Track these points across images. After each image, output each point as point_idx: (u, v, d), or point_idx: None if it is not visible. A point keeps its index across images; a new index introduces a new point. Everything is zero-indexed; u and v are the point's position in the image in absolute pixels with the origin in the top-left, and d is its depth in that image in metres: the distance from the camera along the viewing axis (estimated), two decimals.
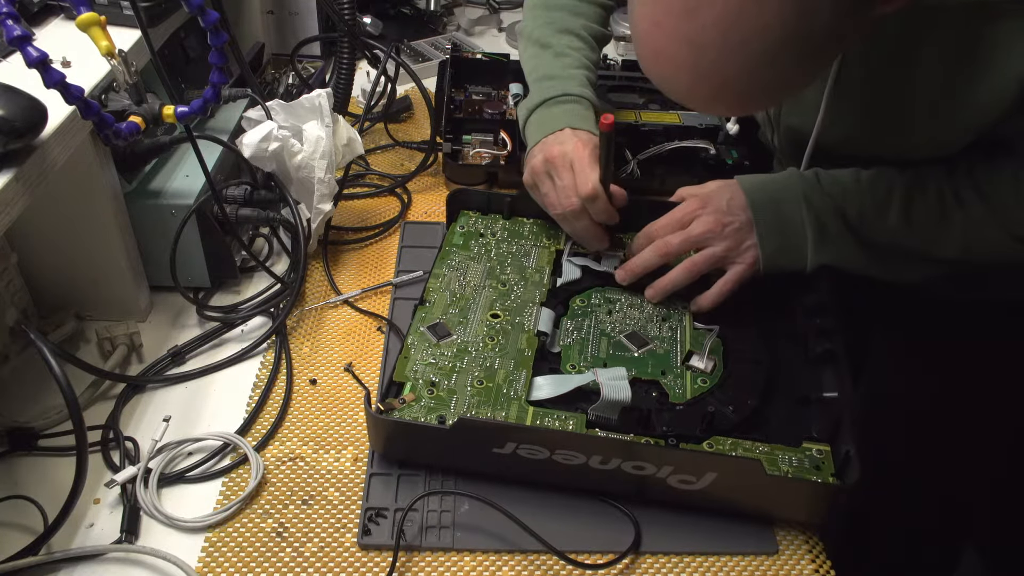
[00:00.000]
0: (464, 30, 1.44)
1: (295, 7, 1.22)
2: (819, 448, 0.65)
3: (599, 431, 0.65)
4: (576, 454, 0.61)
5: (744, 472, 0.61)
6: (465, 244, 0.84)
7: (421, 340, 0.72)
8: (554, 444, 0.61)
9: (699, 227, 0.74)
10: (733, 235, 0.74)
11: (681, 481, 0.62)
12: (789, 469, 0.63)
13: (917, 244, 0.71)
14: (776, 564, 0.63)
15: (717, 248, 0.74)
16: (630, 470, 0.61)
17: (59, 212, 0.72)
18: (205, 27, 0.61)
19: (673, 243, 0.75)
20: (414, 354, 0.70)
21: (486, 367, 0.70)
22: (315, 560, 0.61)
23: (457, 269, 0.80)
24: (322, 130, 0.82)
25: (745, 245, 0.74)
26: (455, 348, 0.71)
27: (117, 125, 0.65)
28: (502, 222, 0.87)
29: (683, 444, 0.63)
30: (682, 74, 0.53)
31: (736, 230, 0.74)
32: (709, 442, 0.64)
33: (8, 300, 0.73)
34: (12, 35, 0.54)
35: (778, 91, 0.60)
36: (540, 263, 0.82)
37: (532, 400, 0.67)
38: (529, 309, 0.76)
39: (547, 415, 0.66)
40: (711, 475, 0.61)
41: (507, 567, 0.61)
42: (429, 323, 0.73)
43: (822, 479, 0.62)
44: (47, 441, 0.68)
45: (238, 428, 0.70)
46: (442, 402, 0.67)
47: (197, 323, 0.81)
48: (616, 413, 0.65)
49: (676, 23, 0.50)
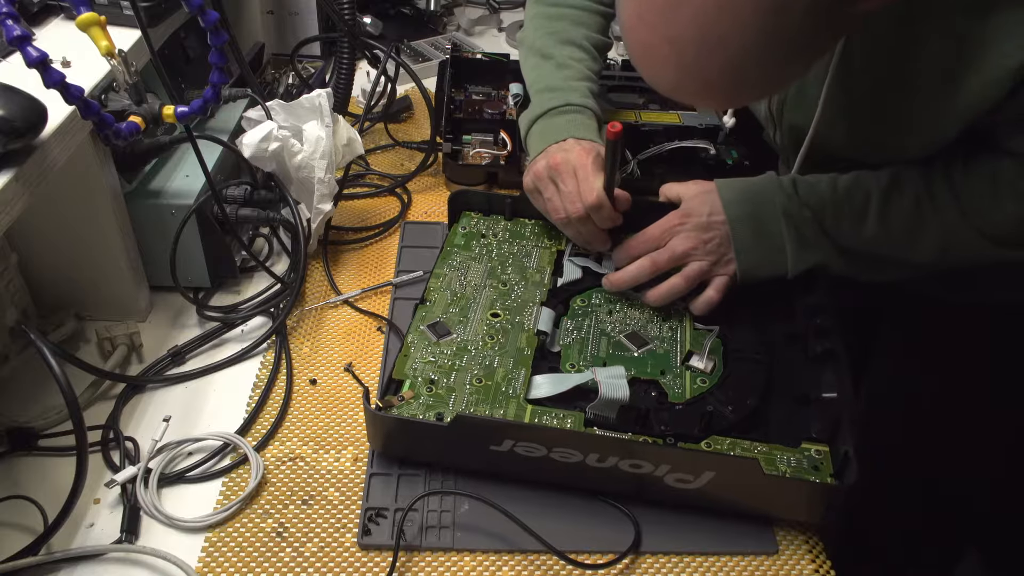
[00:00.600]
0: (464, 30, 1.44)
1: (295, 7, 1.22)
2: (818, 448, 0.65)
3: (597, 430, 0.65)
4: (573, 452, 0.61)
5: (742, 472, 0.61)
6: (467, 244, 0.84)
7: (421, 338, 0.72)
8: (551, 442, 0.61)
9: (681, 244, 0.75)
10: (715, 249, 0.75)
11: (678, 480, 0.62)
12: (787, 469, 0.63)
13: (895, 249, 0.72)
14: (776, 564, 0.63)
15: (703, 263, 0.75)
16: (627, 468, 0.61)
17: (59, 212, 0.72)
18: (205, 27, 0.61)
19: (660, 262, 0.76)
20: (414, 352, 0.71)
21: (485, 365, 0.70)
22: (315, 560, 0.61)
23: (458, 269, 0.80)
24: (322, 130, 0.82)
25: (727, 257, 0.75)
26: (455, 347, 0.71)
27: (117, 125, 0.65)
28: (504, 223, 0.87)
29: (681, 443, 0.63)
30: (667, 70, 0.53)
31: (717, 245, 0.75)
32: (707, 442, 0.64)
33: (8, 300, 0.73)
34: (12, 35, 0.54)
35: (764, 87, 0.60)
36: (541, 263, 0.82)
37: (531, 398, 0.67)
38: (529, 309, 0.76)
39: (545, 413, 0.66)
40: (709, 474, 0.61)
41: (507, 567, 0.61)
42: (429, 322, 0.73)
43: (820, 479, 0.62)
44: (47, 441, 0.68)
45: (238, 428, 0.70)
46: (441, 400, 0.67)
47: (197, 323, 0.81)
48: (614, 412, 0.65)
49: (657, 19, 0.50)
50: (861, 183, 0.72)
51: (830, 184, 0.73)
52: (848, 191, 0.72)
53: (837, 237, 0.73)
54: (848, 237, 0.73)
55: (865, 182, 0.72)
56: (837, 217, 0.72)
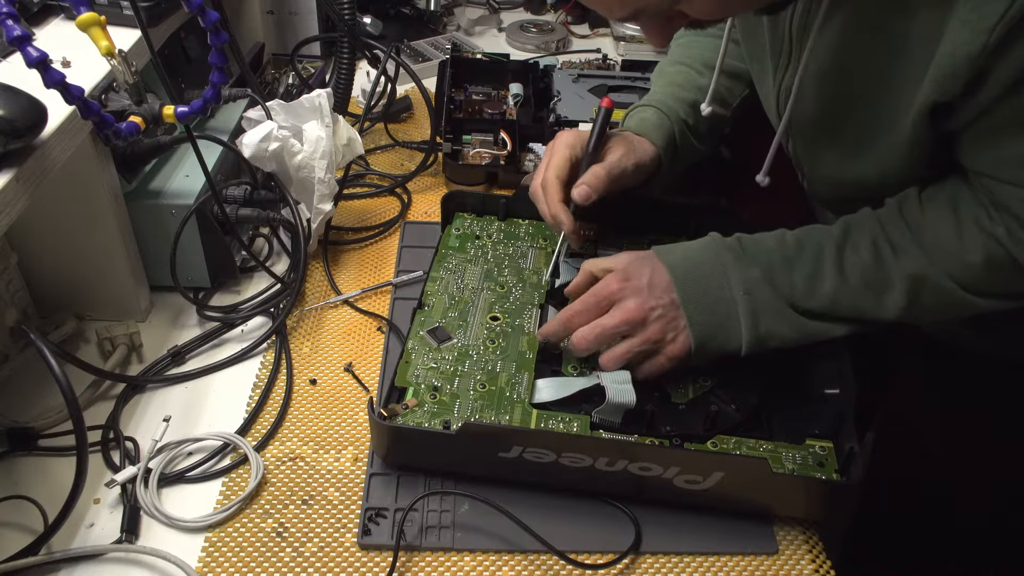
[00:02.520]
0: (464, 30, 1.44)
1: (295, 7, 1.22)
2: (822, 445, 0.65)
3: (603, 432, 0.65)
4: (583, 456, 0.61)
5: (751, 471, 0.61)
6: (461, 246, 0.84)
7: (422, 345, 0.72)
8: (561, 447, 0.61)
9: (618, 316, 0.67)
10: (657, 320, 0.67)
11: (688, 481, 0.62)
12: (794, 467, 0.63)
13: (859, 306, 0.66)
14: (776, 564, 0.63)
15: (644, 336, 0.67)
16: (636, 471, 0.61)
17: (59, 212, 0.72)
18: (205, 27, 0.61)
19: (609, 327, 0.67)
20: (415, 359, 0.70)
21: (488, 370, 0.70)
22: (315, 560, 0.61)
23: (454, 272, 0.80)
24: (322, 130, 0.82)
25: (672, 334, 0.67)
26: (456, 352, 0.71)
27: (117, 125, 0.65)
28: (497, 223, 0.87)
29: (687, 444, 0.64)
30: None
31: (660, 316, 0.67)
32: (713, 441, 0.64)
33: (8, 300, 0.73)
34: (12, 35, 0.54)
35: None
36: (537, 264, 0.82)
37: (535, 403, 0.67)
38: (528, 311, 0.76)
39: (551, 418, 0.66)
40: (718, 475, 0.61)
41: (507, 567, 0.61)
42: (429, 327, 0.73)
43: (827, 476, 0.62)
44: (47, 441, 0.68)
45: (238, 428, 0.70)
46: (445, 407, 0.66)
47: (197, 323, 0.81)
48: (620, 416, 0.65)
49: None
50: (812, 234, 0.68)
51: (778, 239, 0.68)
52: (799, 244, 0.67)
53: (792, 297, 0.66)
54: (804, 296, 0.66)
55: (816, 233, 0.67)
56: (789, 273, 0.66)
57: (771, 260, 0.67)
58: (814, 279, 0.66)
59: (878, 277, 0.65)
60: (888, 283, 0.64)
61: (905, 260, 0.64)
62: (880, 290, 0.65)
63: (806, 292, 0.66)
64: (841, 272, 0.65)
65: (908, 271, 0.63)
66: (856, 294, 0.65)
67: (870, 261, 0.65)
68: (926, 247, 0.63)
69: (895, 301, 0.64)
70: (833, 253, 0.66)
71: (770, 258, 0.67)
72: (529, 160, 1.02)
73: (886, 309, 0.65)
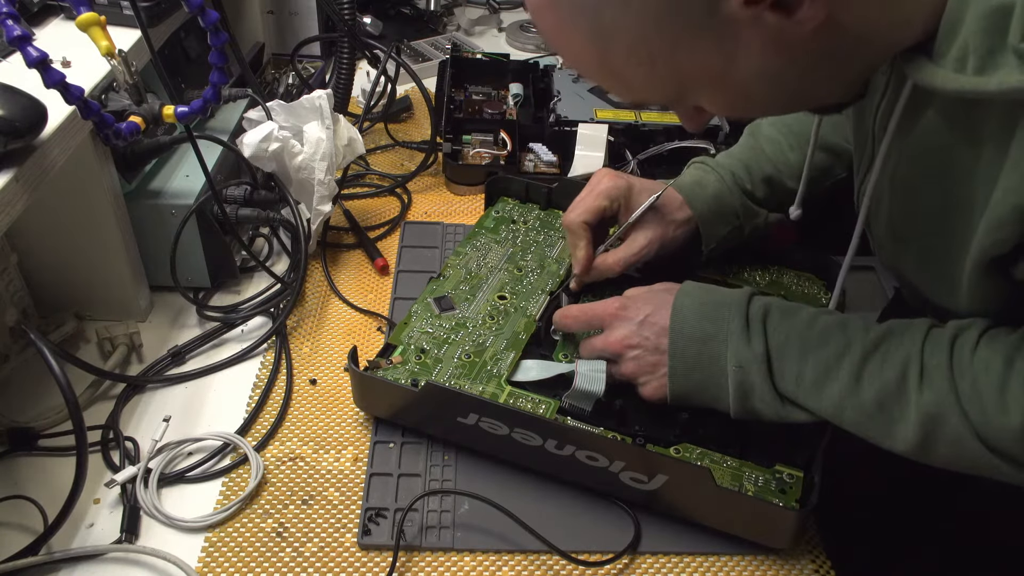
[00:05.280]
0: (464, 30, 1.44)
1: (295, 7, 1.22)
2: (791, 472, 0.63)
3: (570, 420, 0.65)
4: (532, 435, 0.62)
5: (693, 479, 0.59)
6: (495, 228, 0.86)
7: (425, 310, 0.74)
8: (512, 422, 0.62)
9: (599, 342, 0.67)
10: (633, 360, 0.65)
11: (633, 479, 0.62)
12: (751, 487, 0.61)
13: (862, 427, 0.57)
14: (776, 564, 0.63)
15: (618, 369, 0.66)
16: (584, 459, 0.62)
17: (59, 212, 0.72)
18: (205, 27, 0.61)
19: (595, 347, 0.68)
20: (414, 321, 0.73)
21: (478, 343, 0.71)
22: (315, 560, 0.61)
23: (480, 250, 0.83)
24: (323, 131, 0.82)
25: (645, 378, 0.65)
26: (454, 321, 0.73)
27: (117, 125, 0.65)
28: (537, 212, 0.89)
29: (649, 445, 0.63)
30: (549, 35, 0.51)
31: (635, 357, 0.65)
32: (677, 447, 0.64)
33: (8, 300, 0.73)
34: (12, 35, 0.54)
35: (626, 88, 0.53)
36: (562, 255, 0.83)
37: (513, 380, 0.68)
38: (537, 296, 0.77)
39: (522, 396, 0.67)
40: (662, 477, 0.60)
41: (507, 567, 0.61)
42: (438, 295, 0.75)
43: (783, 503, 0.60)
44: (47, 441, 0.68)
45: (238, 428, 0.70)
46: (426, 369, 0.68)
47: (197, 323, 0.81)
48: (590, 405, 0.66)
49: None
50: (847, 328, 0.59)
51: (808, 321, 0.60)
52: (825, 333, 0.59)
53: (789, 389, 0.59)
54: (808, 393, 0.58)
55: (851, 328, 0.58)
56: (800, 363, 0.58)
57: (787, 341, 0.60)
58: (825, 377, 0.58)
59: (894, 401, 0.55)
60: (902, 412, 0.55)
61: (928, 393, 0.54)
62: (892, 417, 0.55)
63: (811, 389, 0.58)
64: (857, 380, 0.56)
65: (927, 407, 0.53)
66: (863, 412, 0.57)
67: (892, 380, 0.55)
68: (960, 390, 0.53)
69: (905, 434, 0.55)
70: (857, 356, 0.57)
71: (788, 337, 0.60)
72: (529, 160, 1.02)
73: (894, 440, 0.56)
